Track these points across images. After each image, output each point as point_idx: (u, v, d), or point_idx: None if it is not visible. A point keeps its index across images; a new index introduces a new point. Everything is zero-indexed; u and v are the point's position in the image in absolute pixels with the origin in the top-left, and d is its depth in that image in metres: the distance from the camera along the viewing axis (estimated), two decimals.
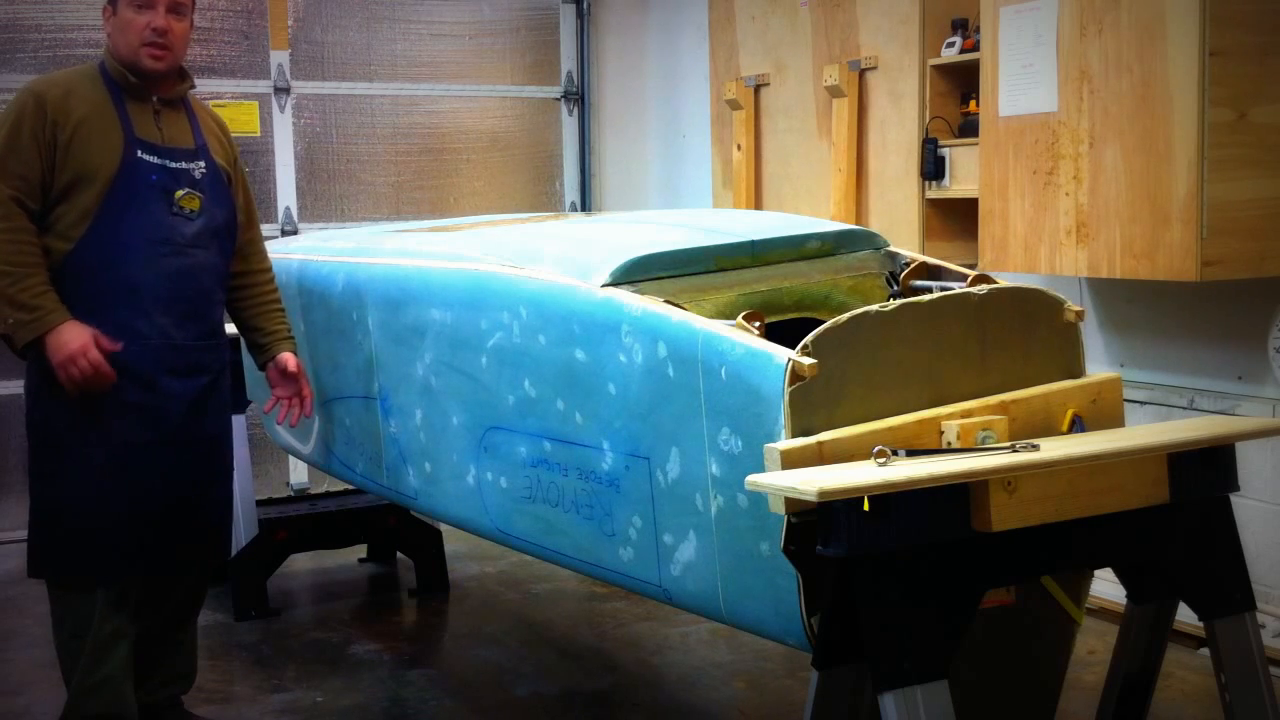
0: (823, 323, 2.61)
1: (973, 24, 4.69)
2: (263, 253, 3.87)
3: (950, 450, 2.55)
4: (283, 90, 6.65)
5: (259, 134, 6.62)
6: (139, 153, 3.42)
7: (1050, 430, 2.77)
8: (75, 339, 3.30)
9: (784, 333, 2.89)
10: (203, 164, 3.55)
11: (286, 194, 6.70)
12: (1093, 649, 4.17)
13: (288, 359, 3.81)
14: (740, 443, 2.61)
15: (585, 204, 7.44)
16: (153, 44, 3.43)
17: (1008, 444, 2.53)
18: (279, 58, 6.63)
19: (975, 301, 2.79)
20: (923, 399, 2.67)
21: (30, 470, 3.52)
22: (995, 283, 3.01)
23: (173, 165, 3.48)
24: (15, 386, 5.31)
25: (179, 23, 3.48)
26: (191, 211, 3.50)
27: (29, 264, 3.31)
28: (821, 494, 2.24)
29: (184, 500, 3.55)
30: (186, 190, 3.49)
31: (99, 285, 3.37)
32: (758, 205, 5.79)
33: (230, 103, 6.52)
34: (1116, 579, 2.86)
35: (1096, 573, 2.97)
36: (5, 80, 5.96)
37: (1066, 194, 4.13)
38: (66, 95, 3.39)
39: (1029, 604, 2.86)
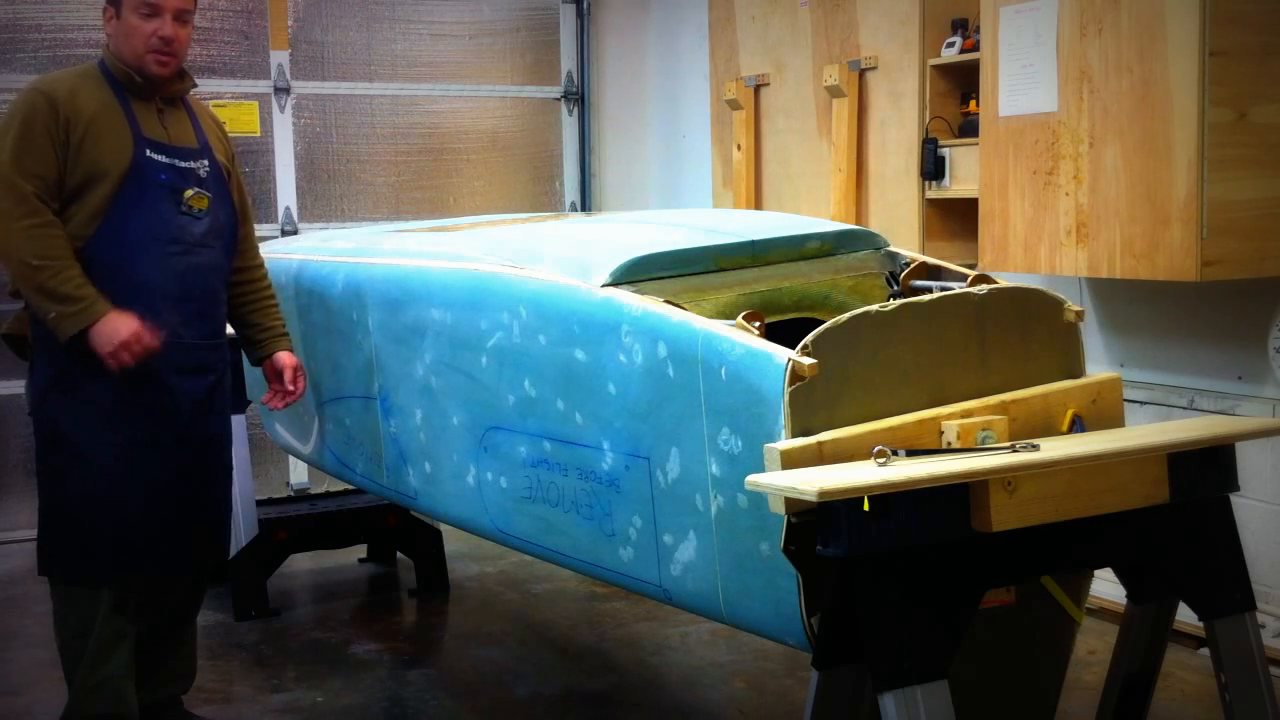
0: (823, 323, 2.61)
1: (973, 24, 4.69)
2: (256, 248, 3.87)
3: (950, 450, 2.55)
4: (283, 90, 6.65)
5: (259, 134, 6.62)
6: (148, 152, 3.43)
7: (1050, 430, 2.77)
8: (127, 326, 3.31)
9: (784, 333, 2.89)
10: (206, 162, 3.56)
11: (286, 194, 6.70)
12: (1093, 649, 4.17)
13: (284, 359, 3.83)
14: (740, 443, 2.61)
15: (585, 204, 7.44)
16: (159, 51, 3.43)
17: (1008, 444, 2.53)
18: (279, 58, 6.63)
19: (975, 301, 2.79)
20: (923, 399, 2.67)
21: (38, 470, 3.52)
22: (995, 283, 3.01)
23: (181, 164, 3.49)
24: (15, 386, 5.31)
25: (183, 29, 3.49)
26: (200, 211, 3.51)
27: (62, 256, 3.32)
28: (821, 494, 2.24)
29: (191, 498, 3.56)
30: (195, 190, 3.50)
31: (108, 284, 3.37)
32: (758, 205, 5.80)
33: (230, 103, 6.52)
34: (1116, 579, 2.87)
35: (1096, 573, 2.97)
36: (5, 80, 5.95)
37: (1066, 194, 4.13)
38: (74, 94, 3.39)
39: (1029, 604, 2.86)
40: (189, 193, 3.48)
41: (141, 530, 3.47)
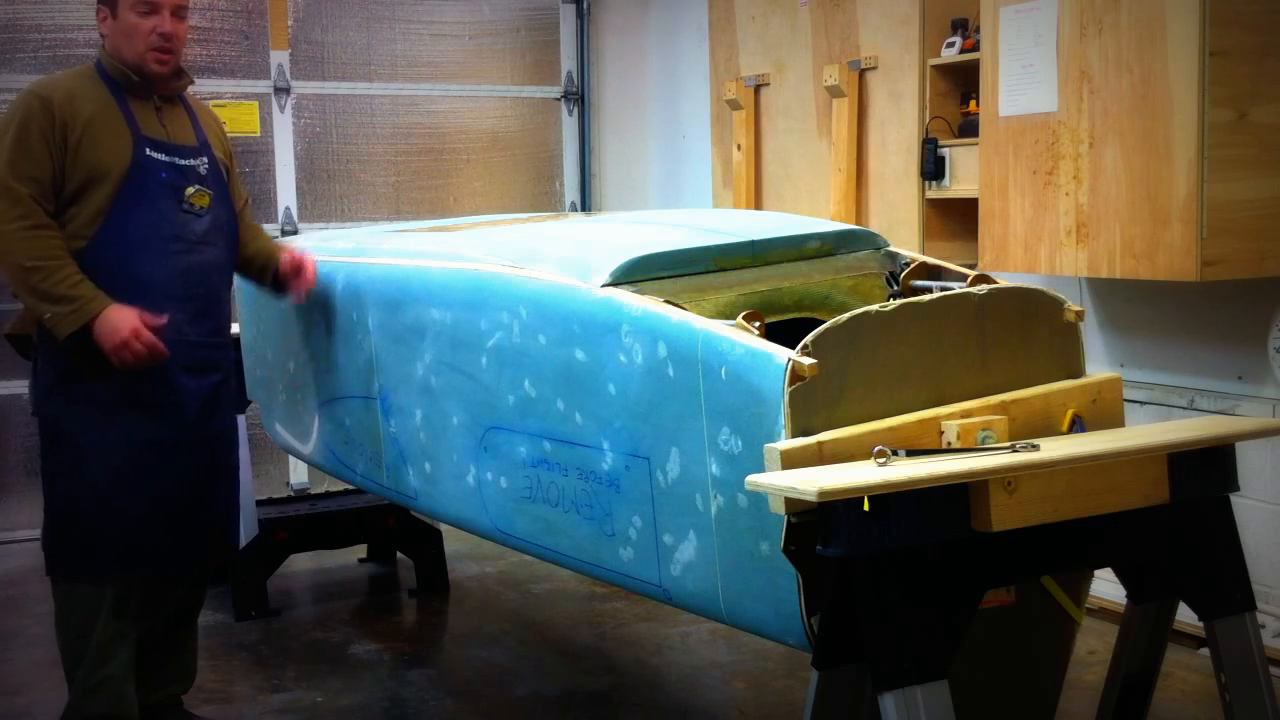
0: (823, 323, 2.61)
1: (973, 24, 4.69)
2: (251, 215, 3.92)
3: (950, 450, 2.55)
4: (283, 90, 6.65)
5: (259, 134, 6.62)
6: (147, 150, 3.44)
7: (1050, 430, 2.77)
8: (125, 323, 3.31)
9: (784, 333, 2.89)
10: (206, 160, 3.57)
11: (286, 194, 6.70)
12: (1093, 649, 4.17)
13: (295, 253, 3.89)
14: (740, 443, 2.61)
15: (585, 204, 7.44)
16: (159, 48, 3.44)
17: (1008, 444, 2.53)
18: (279, 58, 6.63)
19: (975, 301, 2.79)
20: (923, 399, 2.67)
21: (43, 470, 3.52)
22: (995, 283, 3.01)
23: (180, 162, 3.50)
24: (16, 386, 5.32)
25: (181, 25, 3.50)
26: (201, 208, 3.52)
27: (57, 257, 3.32)
28: (821, 494, 2.24)
29: (197, 497, 3.57)
30: (196, 188, 3.51)
31: (112, 283, 3.37)
32: (758, 205, 5.79)
33: (230, 103, 6.52)
34: (1116, 579, 2.86)
35: (1096, 573, 2.97)
36: (5, 80, 5.96)
37: (1066, 194, 4.13)
38: (71, 97, 3.40)
39: (1029, 604, 2.86)
40: (190, 190, 3.49)
41: (146, 529, 3.47)
